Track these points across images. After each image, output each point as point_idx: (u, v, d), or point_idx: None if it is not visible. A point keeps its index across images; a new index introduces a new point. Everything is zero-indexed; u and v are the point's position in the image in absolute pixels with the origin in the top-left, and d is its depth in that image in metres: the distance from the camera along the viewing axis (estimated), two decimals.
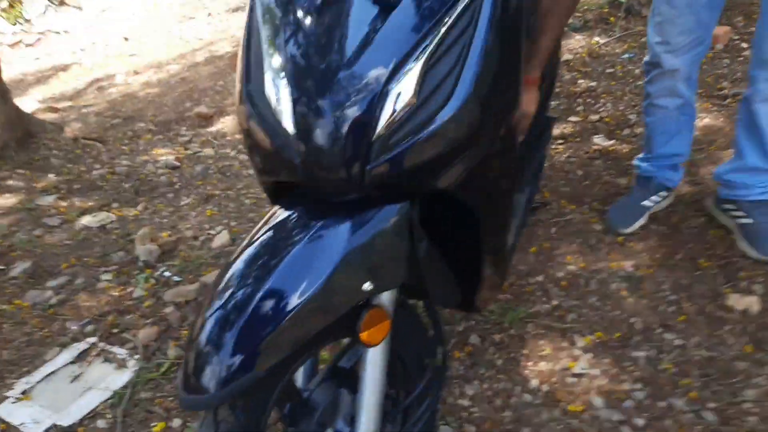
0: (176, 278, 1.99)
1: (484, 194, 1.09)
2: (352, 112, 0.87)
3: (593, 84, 2.92)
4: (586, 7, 3.71)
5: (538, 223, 2.04)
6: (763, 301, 1.60)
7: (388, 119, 0.86)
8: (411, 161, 0.89)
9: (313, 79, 0.90)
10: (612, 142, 2.46)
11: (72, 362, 1.70)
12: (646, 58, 1.86)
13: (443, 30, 0.87)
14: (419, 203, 1.01)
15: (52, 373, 1.67)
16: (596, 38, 3.41)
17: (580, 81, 2.98)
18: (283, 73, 0.93)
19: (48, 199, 2.57)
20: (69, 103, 4.50)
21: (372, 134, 0.86)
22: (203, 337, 0.84)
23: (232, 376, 0.80)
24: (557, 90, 2.93)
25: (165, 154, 3.01)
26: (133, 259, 2.12)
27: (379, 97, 0.86)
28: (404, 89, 0.86)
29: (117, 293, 1.96)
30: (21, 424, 1.53)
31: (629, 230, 1.93)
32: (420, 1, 0.89)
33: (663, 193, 1.97)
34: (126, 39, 6.41)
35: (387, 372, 1.02)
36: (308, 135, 0.90)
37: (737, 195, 1.82)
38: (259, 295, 0.84)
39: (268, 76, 0.94)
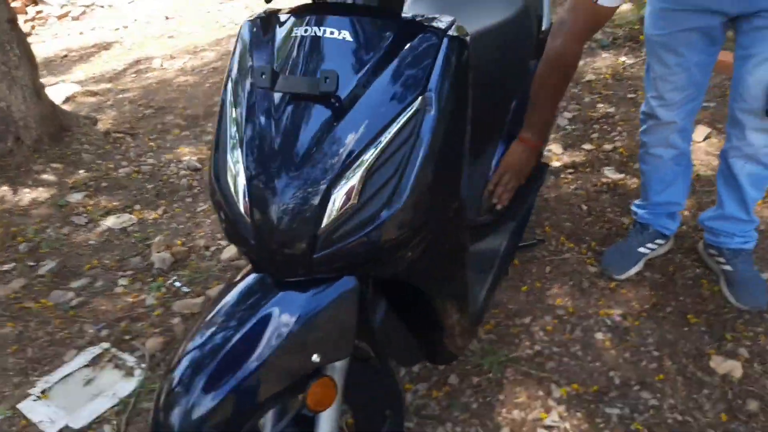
0: (185, 289, 2.11)
1: (433, 273, 1.18)
2: (300, 207, 0.96)
3: (612, 110, 2.92)
4: (617, 22, 3.66)
5: (534, 261, 2.09)
6: (745, 367, 1.63)
7: (331, 218, 0.95)
8: (354, 254, 0.98)
9: (266, 172, 0.98)
10: (622, 175, 2.48)
11: (86, 365, 1.85)
12: (643, 108, 1.89)
13: (387, 138, 0.95)
14: (372, 277, 1.11)
15: (69, 374, 1.82)
16: (623, 58, 3.39)
17: (599, 105, 2.97)
18: (240, 160, 1.02)
19: (77, 197, 2.71)
20: (108, 86, 4.66)
21: (317, 229, 0.95)
22: (174, 384, 0.96)
23: (194, 426, 0.92)
24: (575, 114, 2.94)
25: (188, 154, 3.12)
26: (149, 266, 2.25)
27: (323, 196, 0.95)
28: (347, 192, 0.94)
29: (131, 299, 2.09)
30: (39, 421, 1.68)
31: (623, 276, 1.98)
32: (367, 110, 0.96)
33: (659, 241, 2.00)
34: (167, 18, 6.54)
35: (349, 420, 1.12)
36: (260, 222, 0.99)
37: (719, 242, 1.87)
38: (220, 356, 0.95)
39: (229, 157, 1.03)
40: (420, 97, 0.97)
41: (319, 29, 1.00)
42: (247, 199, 1.00)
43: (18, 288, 2.17)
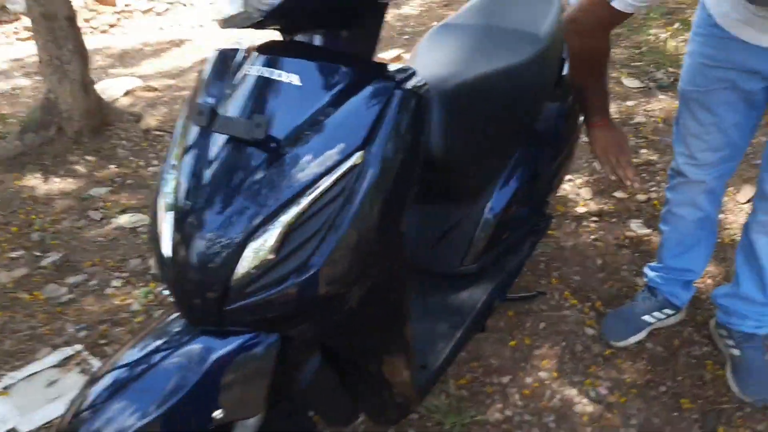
0: (172, 298, 2.10)
1: (367, 333, 1.10)
2: (215, 255, 0.91)
3: (655, 157, 2.71)
4: (681, 62, 3.41)
5: (530, 314, 1.95)
6: None
7: (245, 270, 0.90)
8: (269, 310, 0.92)
9: (191, 212, 0.94)
10: (648, 231, 2.28)
11: (55, 366, 1.86)
12: (672, 164, 1.71)
13: (315, 193, 0.88)
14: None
15: (35, 373, 1.84)
16: None
17: (642, 151, 2.76)
18: (172, 193, 0.98)
19: (100, 191, 2.78)
20: (170, 82, 4.81)
21: (230, 280, 0.90)
22: (78, 410, 0.93)
23: None
24: None
25: None
26: (145, 270, 2.26)
27: (239, 246, 0.90)
28: (263, 245, 0.89)
29: (118, 302, 2.11)
30: None
31: (622, 344, 1.80)
32: (301, 160, 0.90)
33: (668, 311, 1.81)
34: None
35: None
36: (178, 266, 0.95)
37: (731, 323, 1.68)
38: (123, 394, 0.92)
39: (164, 189, 1.00)
40: (359, 153, 0.90)
41: (269, 70, 0.96)
42: (170, 237, 0.96)
43: (19, 276, 2.23)
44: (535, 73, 1.62)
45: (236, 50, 1.03)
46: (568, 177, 2.65)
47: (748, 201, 2.34)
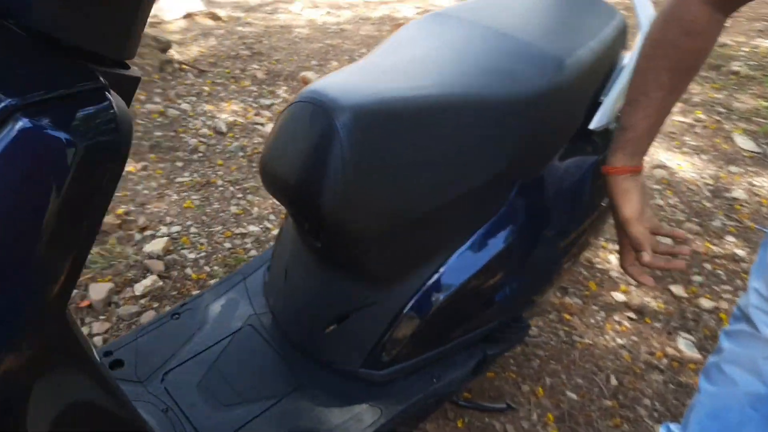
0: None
1: None
2: None
3: (743, 252, 2.04)
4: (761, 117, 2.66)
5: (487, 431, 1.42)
6: None
7: None
8: None
9: None
10: (698, 356, 1.67)
11: None
12: (740, 299, 1.12)
13: None
14: None
15: None
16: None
17: (727, 238, 2.10)
18: None
19: None
20: (239, 15, 4.46)
21: None
22: None
23: None
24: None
25: (229, 112, 2.74)
26: None
27: None
28: None
29: None
30: None
31: None
32: None
33: None
34: None
35: None
36: None
37: None
38: None
39: None
40: None
41: None
42: None
43: None
44: (539, 116, 1.06)
45: None
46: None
47: None
